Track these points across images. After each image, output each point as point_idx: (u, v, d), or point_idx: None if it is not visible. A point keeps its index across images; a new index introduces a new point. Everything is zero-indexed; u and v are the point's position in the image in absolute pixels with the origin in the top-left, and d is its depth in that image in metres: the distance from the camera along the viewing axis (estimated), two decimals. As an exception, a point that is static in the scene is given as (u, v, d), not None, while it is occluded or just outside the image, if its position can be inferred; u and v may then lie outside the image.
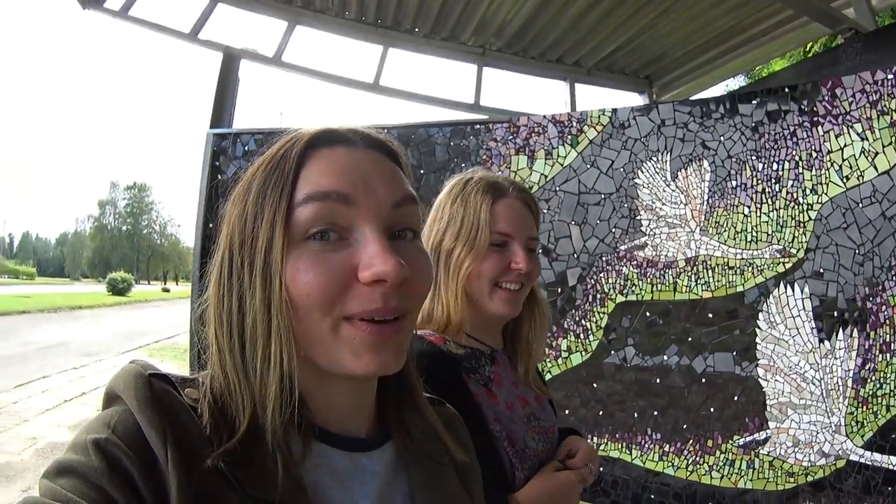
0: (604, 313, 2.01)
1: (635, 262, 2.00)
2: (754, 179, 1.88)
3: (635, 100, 4.01)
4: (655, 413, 1.95)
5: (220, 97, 3.16)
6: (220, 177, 2.64)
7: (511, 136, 2.26)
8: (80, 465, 0.39)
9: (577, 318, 2.05)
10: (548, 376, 2.18)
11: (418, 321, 0.89)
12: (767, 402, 1.84)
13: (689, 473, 1.88)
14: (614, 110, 2.12)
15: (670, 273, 1.96)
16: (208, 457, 0.40)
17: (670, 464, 1.91)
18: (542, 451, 0.97)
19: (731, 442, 1.87)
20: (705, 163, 1.93)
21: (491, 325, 1.02)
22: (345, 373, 0.45)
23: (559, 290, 2.12)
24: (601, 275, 2.04)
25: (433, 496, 0.53)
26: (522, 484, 0.88)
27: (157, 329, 13.86)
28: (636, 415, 1.96)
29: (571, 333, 2.07)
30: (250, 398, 0.43)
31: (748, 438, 1.84)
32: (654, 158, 2.01)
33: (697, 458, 1.89)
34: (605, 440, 1.99)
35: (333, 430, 0.49)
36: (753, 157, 1.89)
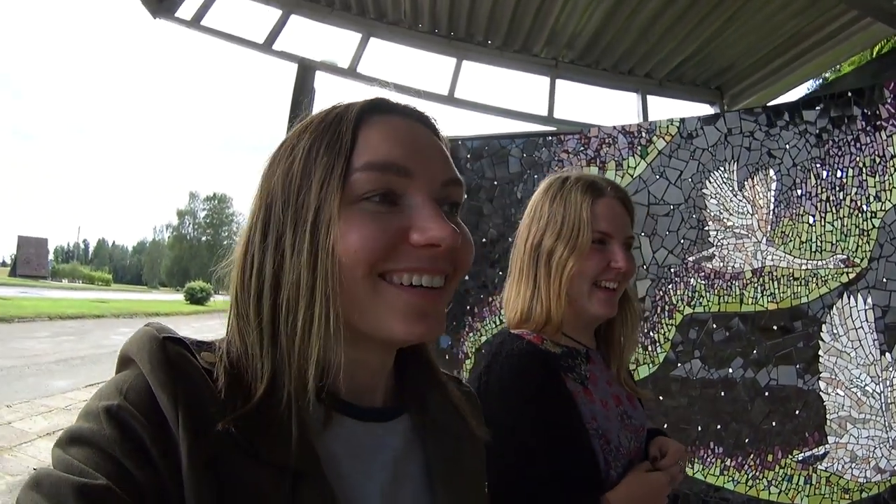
0: (672, 325, 2.53)
1: (703, 274, 2.50)
2: (819, 188, 2.32)
3: (707, 111, 4.63)
4: (718, 427, 2.38)
5: (295, 108, 4.07)
6: None
7: (582, 148, 2.82)
8: (93, 433, 0.52)
9: (646, 331, 2.57)
10: None
11: (516, 320, 1.28)
12: (828, 416, 2.22)
13: (748, 489, 2.31)
14: (682, 120, 2.61)
15: (737, 284, 2.43)
16: (219, 422, 0.54)
17: (731, 478, 2.34)
18: (633, 449, 1.23)
19: (790, 457, 2.27)
20: (771, 171, 2.40)
21: (587, 324, 1.32)
22: (385, 336, 0.62)
23: None
24: (669, 286, 2.56)
25: (449, 470, 0.72)
26: (615, 482, 1.15)
27: None
28: (700, 428, 2.41)
29: (640, 345, 2.57)
30: (270, 363, 0.59)
31: (807, 453, 2.24)
32: (722, 168, 2.50)
33: (757, 473, 2.31)
34: None
35: (351, 401, 0.66)
36: (818, 165, 2.33)
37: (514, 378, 1.18)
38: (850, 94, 2.34)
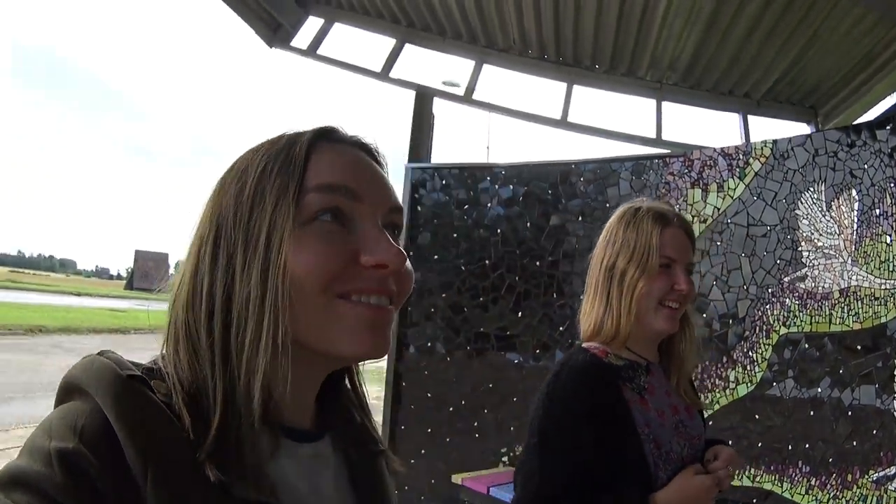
0: (768, 345, 2.88)
1: (797, 294, 2.83)
2: (894, 207, 2.59)
3: (804, 131, 4.92)
4: (807, 446, 2.68)
5: (416, 133, 4.86)
6: (418, 209, 4.09)
7: (686, 170, 3.25)
8: (41, 478, 0.55)
9: (745, 350, 2.94)
10: (716, 406, 2.99)
11: (589, 332, 1.63)
12: None
13: None
14: (775, 141, 2.94)
15: (826, 304, 2.73)
16: (191, 464, 0.61)
17: (814, 498, 2.63)
18: (687, 456, 1.52)
19: (866, 477, 2.52)
20: (854, 191, 2.70)
21: (650, 339, 1.63)
22: (335, 353, 0.73)
23: (730, 321, 3.01)
24: (767, 306, 2.91)
25: (371, 482, 0.88)
26: (664, 483, 1.44)
27: None
28: (790, 447, 2.72)
29: (739, 365, 2.96)
30: (222, 383, 0.68)
31: (880, 473, 2.50)
32: (811, 189, 2.82)
33: (838, 493, 2.59)
34: (762, 472, 2.79)
35: (291, 423, 0.77)
36: (892, 184, 2.59)
37: (576, 386, 1.51)
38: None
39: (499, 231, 3.97)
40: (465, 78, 5.11)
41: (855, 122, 3.15)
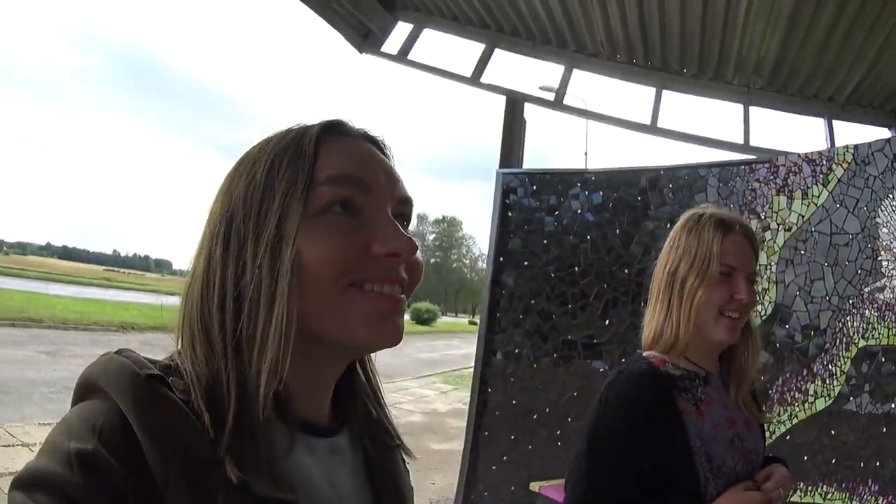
0: (847, 358, 2.89)
1: (876, 305, 2.83)
2: None
3: (885, 135, 4.83)
4: (877, 463, 2.68)
5: (507, 138, 5.03)
6: (509, 214, 4.20)
7: (772, 177, 3.29)
8: (61, 479, 0.58)
9: (825, 363, 2.96)
10: (794, 420, 3.00)
11: (649, 340, 1.69)
12: None
13: None
14: (856, 147, 2.94)
15: None
16: (211, 463, 0.64)
17: None
18: (741, 471, 1.55)
19: None
20: None
21: (709, 350, 1.65)
22: (350, 343, 0.77)
23: (812, 333, 3.04)
24: (847, 318, 2.92)
25: (388, 477, 0.92)
26: (713, 497, 1.47)
27: (455, 358, 20.18)
28: (861, 464, 2.72)
29: (819, 378, 2.97)
30: (235, 374, 0.71)
31: None
32: (891, 195, 2.81)
33: None
34: (833, 489, 2.80)
35: (307, 417, 0.80)
36: None
37: (630, 395, 1.56)
38: None
39: (588, 237, 4.06)
40: (556, 83, 5.27)
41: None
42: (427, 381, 17.17)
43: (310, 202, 0.76)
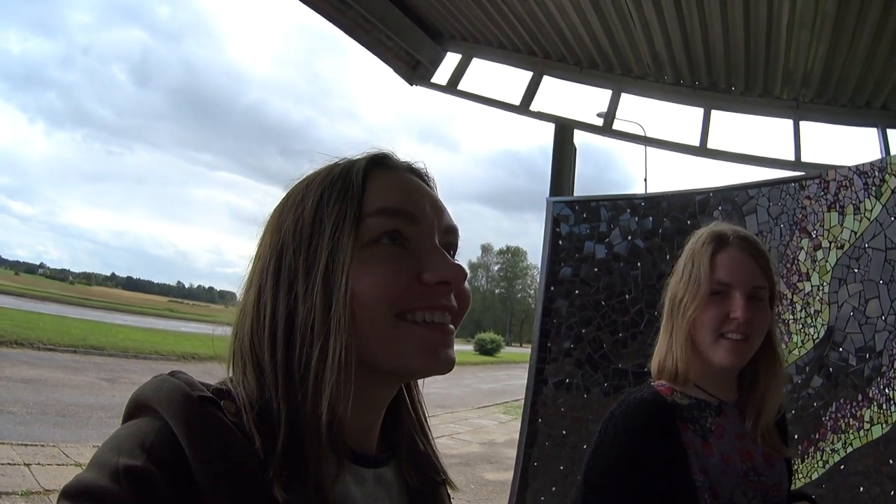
0: None
1: None
2: None
3: None
4: None
5: (557, 166, 4.90)
6: (560, 242, 4.06)
7: (822, 192, 3.07)
8: (109, 494, 0.58)
9: (882, 387, 2.70)
10: (849, 448, 2.76)
11: (656, 370, 1.58)
12: None
13: None
14: None
15: None
16: (260, 484, 0.65)
17: None
18: None
19: None
20: None
21: (720, 376, 1.52)
22: (402, 371, 0.78)
23: (867, 356, 2.78)
24: None
25: None
26: None
27: (517, 389, 19.29)
28: None
29: (875, 403, 2.72)
30: (286, 404, 0.71)
31: None
32: None
33: None
34: None
35: (355, 446, 0.81)
36: None
37: (628, 425, 1.45)
38: None
39: (639, 264, 3.89)
40: (604, 107, 5.18)
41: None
42: (487, 412, 17.11)
43: (360, 234, 0.77)
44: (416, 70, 5.51)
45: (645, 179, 20.74)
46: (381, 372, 0.79)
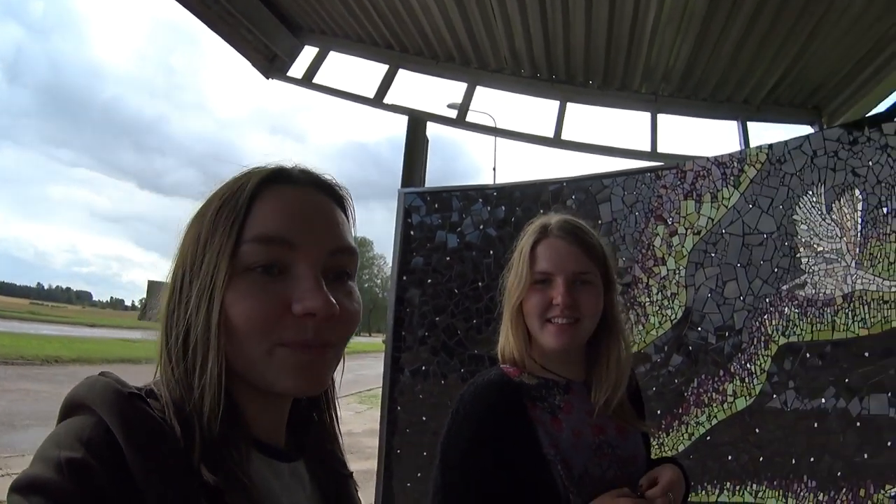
0: (767, 356, 2.67)
1: (796, 302, 2.61)
2: None
3: (808, 132, 4.61)
4: (812, 459, 2.46)
5: (409, 157, 4.72)
6: (412, 233, 3.89)
7: (679, 182, 3.06)
8: (54, 485, 0.58)
9: (743, 362, 2.74)
10: (713, 421, 2.78)
11: (500, 357, 1.55)
12: None
13: None
14: (770, 146, 2.75)
15: (829, 311, 2.52)
16: (187, 470, 0.66)
17: None
18: (613, 479, 1.40)
19: (882, 492, 2.30)
20: (857, 191, 2.50)
21: (562, 357, 1.52)
22: (276, 391, 0.76)
23: (726, 334, 2.82)
24: (765, 317, 2.70)
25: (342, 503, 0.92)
26: None
27: (370, 378, 19.57)
28: (793, 461, 2.51)
29: (737, 377, 2.75)
30: (190, 406, 0.72)
31: None
32: (810, 192, 2.61)
33: None
34: (764, 487, 2.58)
35: (266, 442, 0.81)
36: None
37: (478, 406, 1.43)
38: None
39: (491, 253, 3.78)
40: (459, 100, 5.05)
41: (857, 119, 2.88)
42: (342, 402, 16.62)
43: (237, 260, 0.75)
44: (272, 63, 5.21)
45: (494, 169, 20.83)
46: (260, 389, 0.78)
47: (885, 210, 2.52)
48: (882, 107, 4.48)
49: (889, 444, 2.39)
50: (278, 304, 0.75)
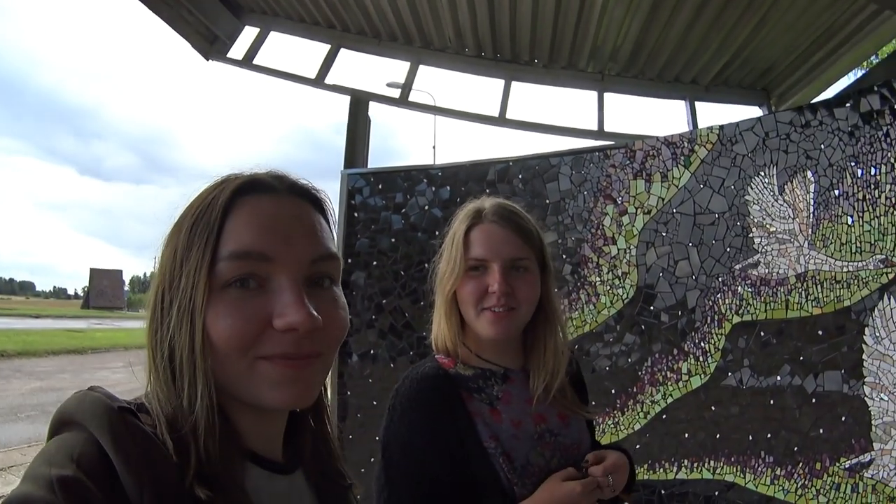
0: (721, 335, 2.64)
1: (749, 282, 2.60)
2: (855, 187, 2.37)
3: (756, 114, 4.63)
4: (769, 435, 2.47)
5: (351, 138, 4.47)
6: (356, 215, 3.72)
7: (628, 161, 2.99)
8: (45, 503, 0.55)
9: (697, 341, 2.70)
10: (669, 399, 2.75)
11: (434, 347, 1.45)
12: (873, 422, 2.28)
13: (797, 497, 2.39)
14: (721, 127, 2.72)
15: (782, 290, 2.52)
16: (179, 486, 0.63)
17: (781, 487, 2.42)
18: (557, 466, 1.33)
19: (837, 465, 2.33)
20: (809, 173, 2.49)
21: (499, 346, 1.42)
22: (263, 406, 0.72)
23: (679, 312, 2.77)
24: (718, 295, 2.68)
25: None
26: (525, 496, 1.26)
27: None
28: (750, 437, 2.51)
29: (691, 356, 2.71)
30: (184, 420, 0.68)
31: (853, 461, 2.30)
32: (762, 173, 2.60)
33: (806, 482, 2.39)
34: (722, 464, 2.57)
35: (263, 455, 0.77)
36: (853, 164, 2.39)
37: (414, 399, 1.33)
38: (875, 87, 2.41)
39: (437, 233, 3.51)
40: (402, 80, 4.82)
41: (810, 103, 2.79)
42: None
43: (214, 278, 0.72)
44: (213, 45, 4.87)
45: (434, 147, 20.28)
46: (246, 403, 0.74)
47: (836, 192, 2.51)
48: (831, 91, 4.54)
49: (843, 418, 2.41)
50: (257, 319, 0.71)
